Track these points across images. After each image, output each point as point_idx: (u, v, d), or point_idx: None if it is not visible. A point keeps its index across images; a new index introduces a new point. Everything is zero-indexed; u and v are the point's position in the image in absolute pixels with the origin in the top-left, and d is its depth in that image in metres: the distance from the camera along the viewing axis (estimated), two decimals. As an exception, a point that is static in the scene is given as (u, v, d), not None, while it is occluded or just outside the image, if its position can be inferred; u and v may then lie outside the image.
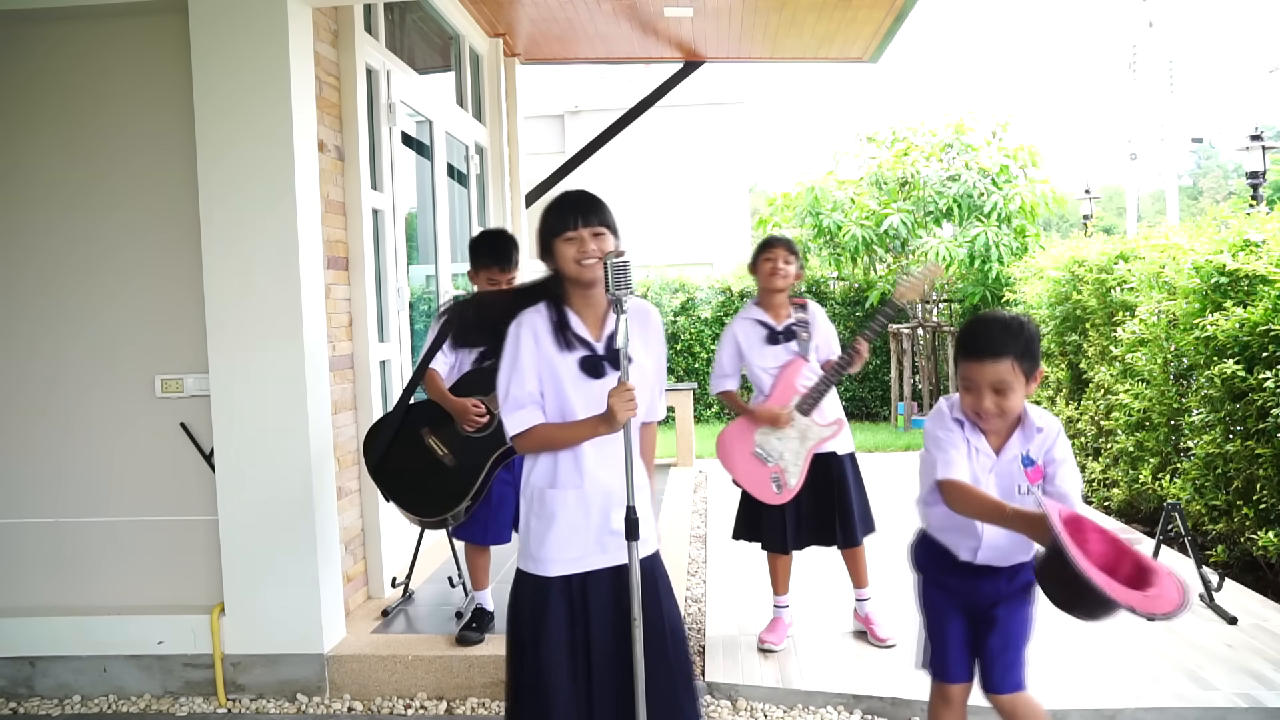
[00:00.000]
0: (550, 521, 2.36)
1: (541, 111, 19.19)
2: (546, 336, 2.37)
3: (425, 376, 3.77)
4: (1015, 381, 2.33)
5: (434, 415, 3.77)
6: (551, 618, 2.34)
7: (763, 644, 3.94)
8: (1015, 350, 2.31)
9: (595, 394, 2.32)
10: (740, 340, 3.96)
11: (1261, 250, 4.57)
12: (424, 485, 3.74)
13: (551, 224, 2.37)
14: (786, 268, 3.87)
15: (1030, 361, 2.34)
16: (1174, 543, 4.83)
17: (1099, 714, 3.28)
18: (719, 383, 4.03)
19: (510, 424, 2.36)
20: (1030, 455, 2.40)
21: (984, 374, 2.33)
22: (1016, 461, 2.41)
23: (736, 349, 3.97)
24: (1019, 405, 2.37)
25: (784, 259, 3.87)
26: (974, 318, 2.49)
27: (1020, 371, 2.32)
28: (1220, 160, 42.59)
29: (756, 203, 18.97)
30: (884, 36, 6.80)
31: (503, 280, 3.80)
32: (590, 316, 2.42)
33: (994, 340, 2.33)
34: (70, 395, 3.99)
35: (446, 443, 3.75)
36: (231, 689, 3.86)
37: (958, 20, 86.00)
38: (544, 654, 2.33)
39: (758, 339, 3.93)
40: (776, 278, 3.87)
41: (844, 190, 10.79)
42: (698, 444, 9.10)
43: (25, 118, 3.96)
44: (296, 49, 3.73)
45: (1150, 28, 21.89)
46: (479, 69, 6.84)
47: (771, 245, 3.92)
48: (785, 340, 3.89)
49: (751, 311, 3.98)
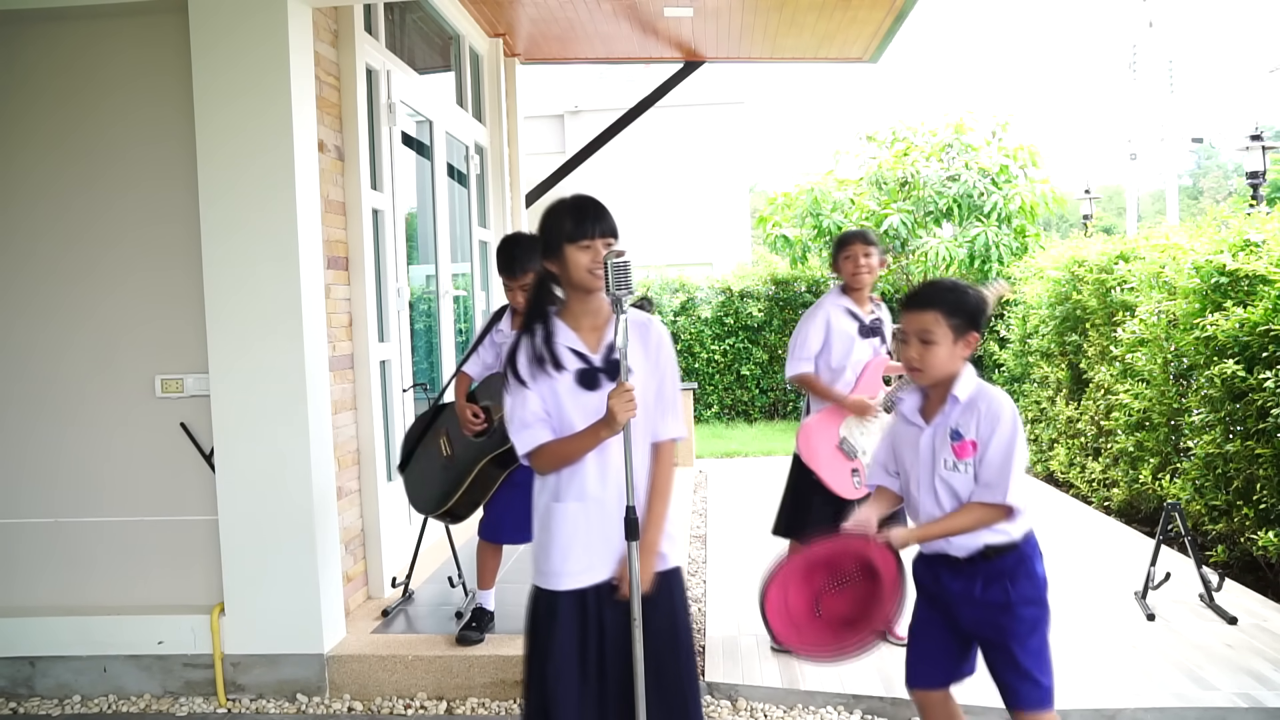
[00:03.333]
0: (555, 535, 2.36)
1: (541, 111, 19.16)
2: (534, 365, 2.34)
3: (456, 378, 3.90)
4: (939, 333, 2.39)
5: (454, 417, 3.89)
6: (561, 632, 2.33)
7: (775, 644, 3.92)
8: (943, 305, 2.41)
9: (593, 407, 2.30)
10: (834, 326, 3.83)
11: (1261, 250, 4.57)
12: (426, 480, 3.94)
13: (566, 228, 2.33)
14: (868, 260, 3.81)
15: (960, 319, 2.40)
16: (1174, 543, 4.83)
17: (1099, 714, 3.28)
18: (800, 364, 3.84)
19: (520, 445, 2.36)
20: (958, 429, 2.40)
21: (910, 322, 2.44)
22: (944, 434, 2.42)
23: (827, 334, 3.83)
24: (943, 359, 2.40)
25: (863, 253, 3.81)
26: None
27: (947, 326, 2.39)
28: (1220, 160, 42.57)
29: (756, 203, 18.96)
30: (884, 36, 6.80)
31: (515, 287, 3.77)
32: (588, 325, 2.39)
33: (923, 293, 2.47)
34: (70, 395, 3.99)
35: (452, 444, 3.87)
36: (231, 689, 3.86)
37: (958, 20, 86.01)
38: (551, 669, 2.32)
39: (852, 329, 3.83)
40: (860, 274, 3.81)
41: (844, 190, 10.79)
42: (698, 444, 9.10)
43: (24, 118, 3.96)
44: (296, 49, 3.73)
45: (1150, 28, 21.90)
46: (479, 69, 6.84)
47: (846, 242, 3.86)
48: (872, 335, 3.84)
49: (841, 299, 3.87)
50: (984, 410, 2.39)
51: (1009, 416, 2.37)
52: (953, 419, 2.42)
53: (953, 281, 2.51)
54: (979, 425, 2.39)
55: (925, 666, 2.55)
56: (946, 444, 2.42)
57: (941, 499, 2.43)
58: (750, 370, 11.94)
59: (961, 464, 2.40)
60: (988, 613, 2.42)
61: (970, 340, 2.42)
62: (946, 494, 2.42)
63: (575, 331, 2.38)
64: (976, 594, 2.42)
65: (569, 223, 2.34)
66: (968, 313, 2.42)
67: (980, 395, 2.42)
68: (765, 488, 6.73)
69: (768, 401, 12.07)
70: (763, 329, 11.95)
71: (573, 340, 2.37)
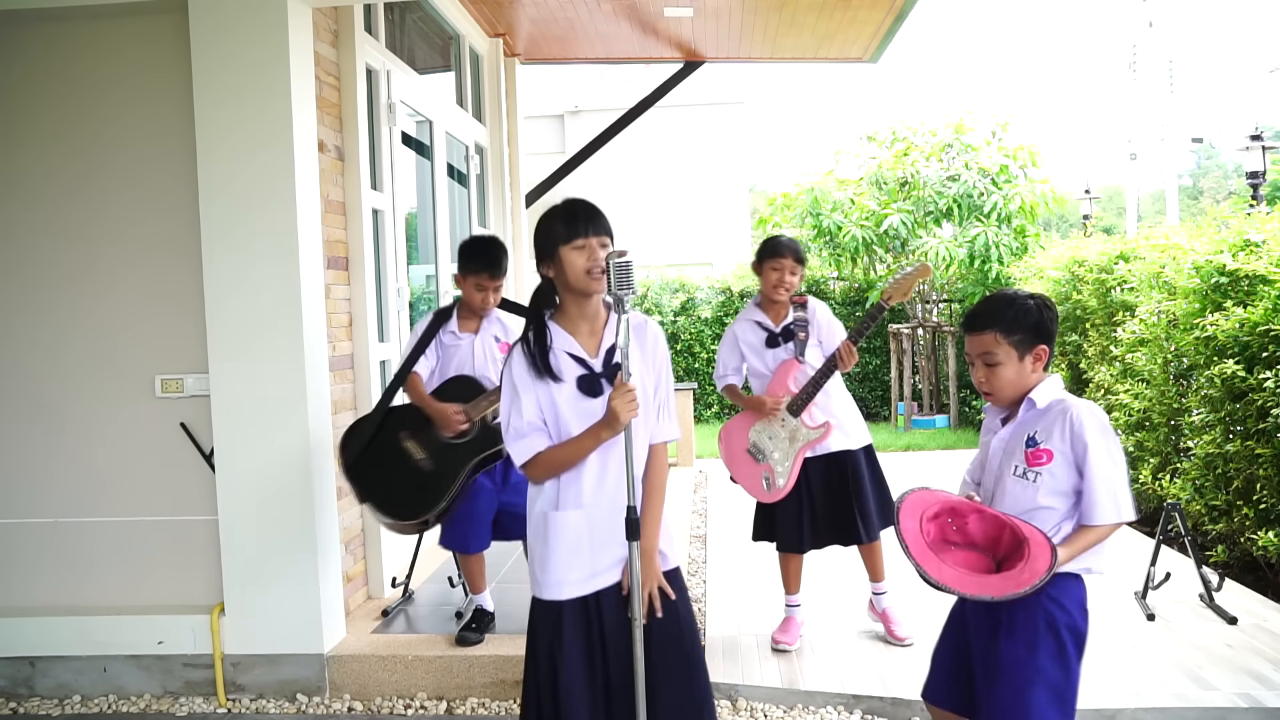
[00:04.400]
0: (555, 544, 2.33)
1: (541, 111, 19.16)
2: (532, 372, 2.33)
3: (408, 380, 3.79)
4: (1001, 353, 2.32)
5: (413, 419, 3.78)
6: (568, 644, 2.31)
7: (776, 644, 3.92)
8: (1000, 323, 2.32)
9: (593, 413, 2.30)
10: (740, 340, 3.98)
11: (1261, 250, 4.57)
12: (397, 488, 3.72)
13: (559, 231, 2.33)
14: (792, 279, 3.85)
15: (1022, 334, 2.31)
16: (1174, 543, 4.84)
17: (1099, 714, 3.27)
18: (721, 379, 4.05)
19: (516, 454, 2.34)
20: (1035, 436, 2.30)
21: (971, 345, 2.39)
22: (1019, 440, 2.33)
23: (738, 348, 3.99)
24: (1011, 378, 2.33)
25: (791, 270, 3.83)
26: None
27: (1008, 344, 2.32)
28: (1220, 160, 42.59)
29: (756, 203, 18.96)
30: (884, 36, 6.79)
31: (490, 287, 3.81)
32: (586, 330, 2.39)
33: (980, 313, 2.38)
34: (70, 395, 3.99)
35: (424, 447, 3.74)
36: (231, 689, 3.86)
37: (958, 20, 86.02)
38: (563, 682, 2.30)
39: (757, 341, 3.94)
40: (780, 289, 3.85)
41: (844, 190, 10.78)
42: (698, 444, 9.10)
43: (24, 118, 3.96)
44: (296, 49, 3.73)
45: (1150, 28, 21.92)
46: (479, 69, 6.84)
47: (779, 254, 3.85)
48: (784, 341, 3.90)
49: (752, 313, 3.98)
50: (1065, 424, 2.27)
51: (1096, 428, 2.26)
52: (1029, 425, 2.33)
53: (1003, 294, 2.39)
54: (1060, 436, 2.28)
55: (936, 676, 2.53)
56: (1020, 449, 2.33)
57: (1006, 507, 2.33)
58: (750, 370, 11.93)
59: (1031, 472, 2.30)
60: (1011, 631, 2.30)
61: (1040, 354, 2.33)
62: (1011, 502, 2.33)
63: (573, 336, 2.38)
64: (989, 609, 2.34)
65: (561, 226, 2.33)
66: (1029, 326, 2.31)
67: (1062, 405, 2.30)
68: (765, 488, 6.73)
69: (768, 401, 12.05)
70: (763, 329, 11.92)
71: (571, 345, 2.36)
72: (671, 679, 2.33)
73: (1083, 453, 2.25)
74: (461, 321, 3.89)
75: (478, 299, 3.82)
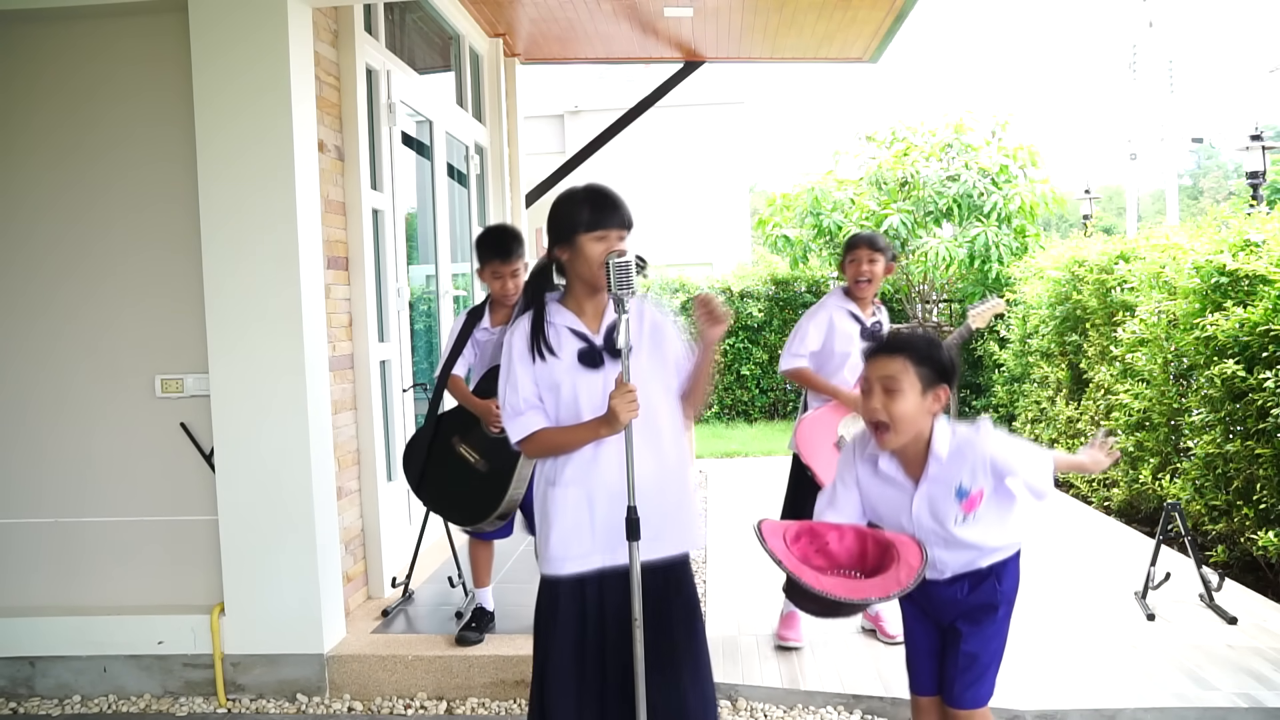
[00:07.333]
0: (554, 519, 2.35)
1: (541, 111, 19.16)
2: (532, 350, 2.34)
3: (449, 382, 3.82)
4: (906, 381, 2.24)
5: (462, 421, 3.79)
6: (561, 618, 2.33)
7: (783, 641, 3.91)
8: (913, 352, 2.27)
9: (595, 386, 2.31)
10: (836, 327, 3.81)
11: (1261, 250, 4.57)
12: (463, 494, 3.72)
13: (583, 217, 2.29)
14: (872, 267, 3.79)
15: (929, 369, 2.26)
16: (1174, 543, 4.83)
17: (1099, 714, 3.28)
18: (794, 360, 3.81)
19: (512, 431, 2.35)
20: (963, 486, 2.28)
21: (873, 368, 2.30)
22: (946, 495, 2.30)
23: (829, 334, 3.81)
24: (909, 412, 2.25)
25: (867, 259, 3.79)
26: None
27: (915, 374, 2.25)
28: (1220, 160, 42.58)
29: (756, 203, 18.96)
30: (884, 36, 6.80)
31: (506, 272, 3.80)
32: (591, 309, 2.40)
33: (893, 341, 2.34)
34: (70, 395, 3.98)
35: (476, 447, 3.74)
36: (231, 689, 3.86)
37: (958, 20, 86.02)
38: (552, 657, 2.33)
39: (853, 332, 3.81)
40: (862, 282, 3.80)
41: (844, 190, 10.77)
42: (698, 444, 9.10)
43: (24, 117, 3.95)
44: (296, 49, 3.73)
45: (1150, 28, 21.92)
46: (479, 69, 6.84)
47: (854, 245, 3.84)
48: (873, 340, 3.80)
49: (844, 301, 3.86)
50: (977, 459, 2.28)
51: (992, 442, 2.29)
52: (949, 478, 2.30)
53: (930, 335, 2.41)
54: (982, 473, 2.29)
55: (920, 669, 2.56)
56: (952, 502, 2.30)
57: (957, 551, 2.36)
58: (750, 370, 11.95)
59: (972, 516, 2.31)
60: (969, 610, 2.42)
61: (939, 394, 2.28)
62: (960, 548, 2.35)
63: (577, 315, 2.38)
64: (961, 596, 2.42)
65: (586, 212, 2.30)
66: (938, 364, 2.28)
67: (959, 446, 2.30)
68: (765, 488, 6.73)
69: (768, 401, 12.07)
70: (763, 329, 11.95)
71: (573, 322, 2.37)
72: (674, 678, 2.33)
73: (1001, 465, 2.29)
74: (493, 316, 3.89)
75: (497, 287, 3.82)
